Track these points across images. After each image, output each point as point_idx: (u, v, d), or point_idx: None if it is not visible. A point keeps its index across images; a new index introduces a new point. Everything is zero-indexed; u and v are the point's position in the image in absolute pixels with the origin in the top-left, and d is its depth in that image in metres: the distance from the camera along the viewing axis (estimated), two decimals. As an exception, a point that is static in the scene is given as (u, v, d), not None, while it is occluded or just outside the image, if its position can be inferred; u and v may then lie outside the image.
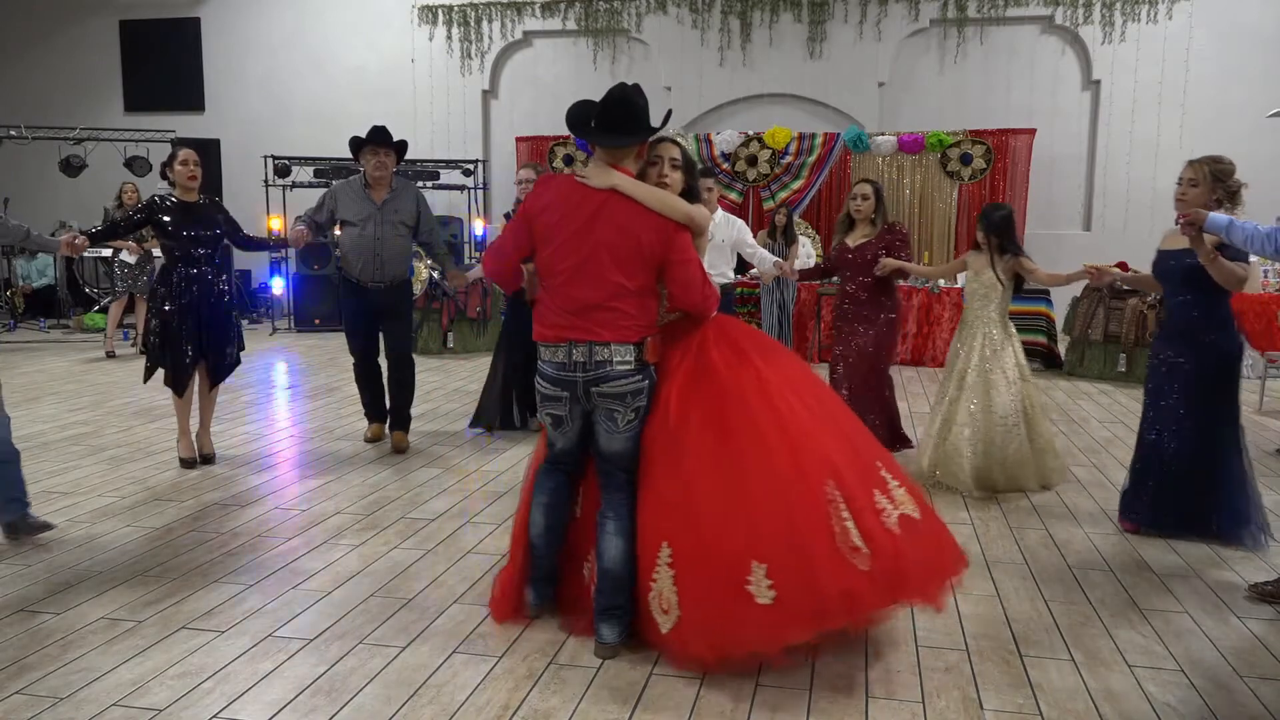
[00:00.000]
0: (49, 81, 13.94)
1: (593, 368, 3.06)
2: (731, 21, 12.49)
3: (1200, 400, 4.18)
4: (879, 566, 2.83)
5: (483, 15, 13.02)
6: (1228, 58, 11.44)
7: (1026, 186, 11.69)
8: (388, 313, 5.79)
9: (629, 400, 3.08)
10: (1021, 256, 5.05)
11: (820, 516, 2.86)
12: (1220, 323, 4.18)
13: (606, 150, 3.10)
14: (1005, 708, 2.82)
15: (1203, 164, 4.15)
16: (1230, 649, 3.22)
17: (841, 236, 5.68)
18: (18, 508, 4.15)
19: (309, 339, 11.04)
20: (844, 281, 5.68)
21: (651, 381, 3.14)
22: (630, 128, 3.07)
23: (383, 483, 5.15)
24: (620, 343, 3.05)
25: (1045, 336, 9.33)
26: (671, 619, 2.95)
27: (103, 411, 6.91)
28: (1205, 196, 4.11)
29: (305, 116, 13.23)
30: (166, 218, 5.16)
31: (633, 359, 3.07)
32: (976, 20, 12.06)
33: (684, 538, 2.95)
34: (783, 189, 11.89)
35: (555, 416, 3.20)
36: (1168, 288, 4.34)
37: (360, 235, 5.60)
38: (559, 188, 3.15)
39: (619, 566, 3.08)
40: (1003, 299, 5.07)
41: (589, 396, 3.11)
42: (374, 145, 5.55)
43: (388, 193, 5.66)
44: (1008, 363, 4.99)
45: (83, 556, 4.00)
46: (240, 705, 2.80)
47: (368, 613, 3.46)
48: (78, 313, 12.01)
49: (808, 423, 3.08)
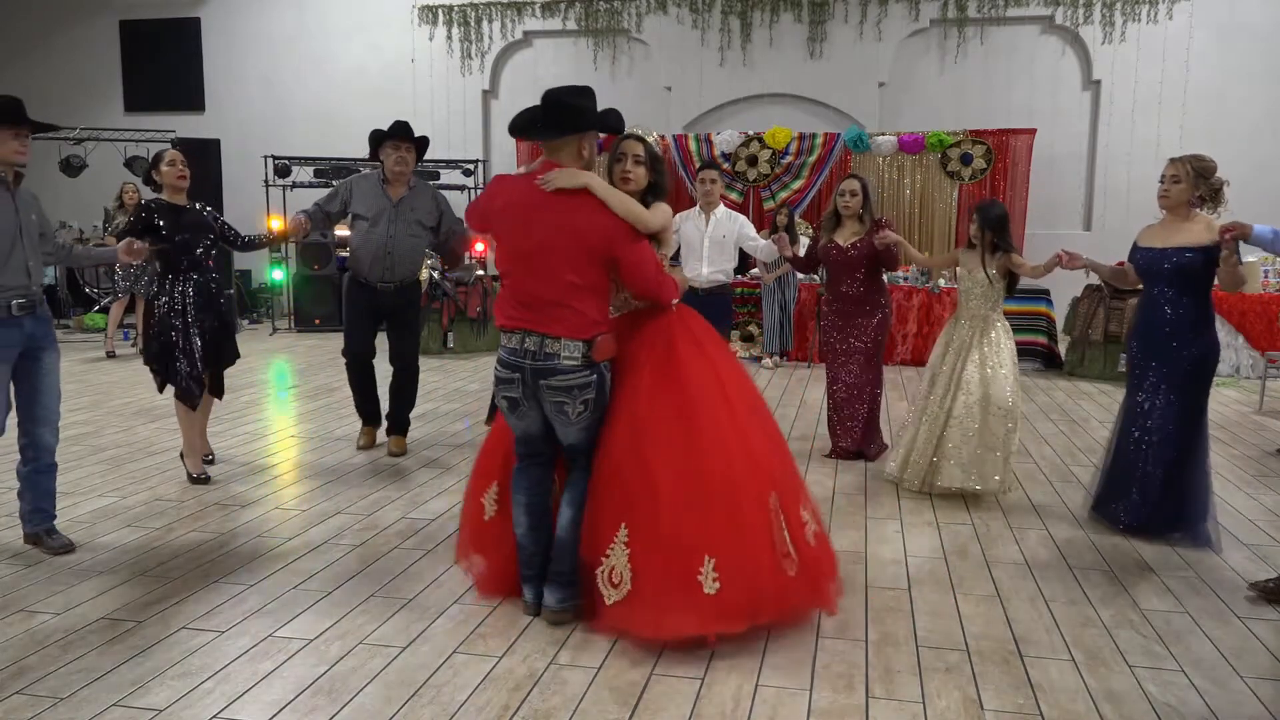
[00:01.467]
0: (49, 81, 13.94)
1: (542, 358, 3.16)
2: (732, 21, 12.49)
3: (1181, 396, 4.19)
4: (802, 573, 3.21)
5: (483, 15, 13.02)
6: (1228, 58, 11.45)
7: (1026, 186, 11.68)
8: (395, 318, 5.67)
9: (575, 394, 3.18)
10: (1011, 252, 5.03)
11: (764, 523, 3.15)
12: (1205, 320, 4.20)
13: (545, 147, 3.24)
14: (1005, 708, 2.82)
15: (1185, 162, 4.17)
16: (1230, 649, 3.22)
17: (829, 234, 5.63)
18: (43, 519, 4.08)
19: (309, 339, 11.04)
20: (835, 280, 5.65)
21: (601, 377, 3.23)
22: (558, 124, 3.16)
23: (383, 483, 5.15)
24: (571, 339, 3.15)
25: (1045, 336, 9.33)
26: (620, 593, 3.13)
27: (103, 411, 6.91)
28: (1188, 194, 4.15)
29: (305, 116, 13.24)
30: (161, 222, 4.90)
31: (580, 355, 3.16)
32: (977, 20, 12.06)
33: (644, 522, 3.13)
34: (783, 189, 11.90)
35: (510, 399, 3.28)
36: (1151, 283, 4.31)
37: (371, 231, 5.47)
38: (513, 187, 3.27)
39: (565, 533, 3.29)
40: (998, 296, 5.05)
41: (537, 388, 3.20)
42: (396, 140, 5.45)
43: (405, 190, 5.54)
44: (1005, 358, 4.97)
45: (83, 556, 4.00)
46: (240, 705, 2.80)
47: (368, 613, 3.46)
48: (78, 313, 12.01)
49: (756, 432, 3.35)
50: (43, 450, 4.05)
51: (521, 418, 3.31)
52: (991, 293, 5.01)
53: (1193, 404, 4.20)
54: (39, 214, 4.15)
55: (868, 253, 5.43)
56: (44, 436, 4.04)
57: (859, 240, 5.46)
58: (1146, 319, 4.32)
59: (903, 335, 9.48)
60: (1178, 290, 4.18)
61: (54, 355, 4.09)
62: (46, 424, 4.05)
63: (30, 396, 4.00)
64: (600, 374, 3.23)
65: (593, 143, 3.30)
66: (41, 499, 4.08)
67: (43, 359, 4.02)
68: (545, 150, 3.26)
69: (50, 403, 4.06)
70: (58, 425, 4.12)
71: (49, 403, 4.05)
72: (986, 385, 4.87)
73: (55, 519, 4.15)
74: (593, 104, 3.24)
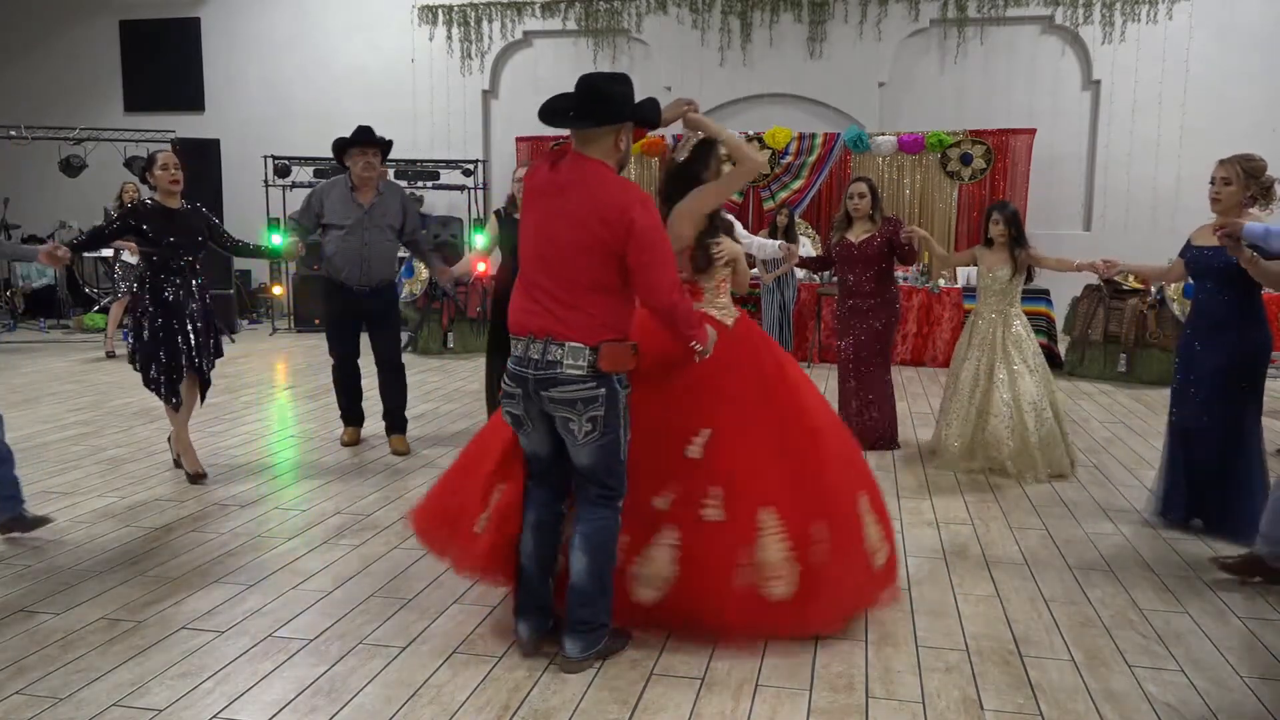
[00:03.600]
0: (49, 81, 13.93)
1: (544, 367, 2.87)
2: (732, 21, 12.48)
3: (1230, 393, 4.23)
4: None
5: (483, 15, 13.02)
6: (1228, 58, 11.43)
7: (1026, 186, 11.67)
8: (375, 319, 5.72)
9: (579, 408, 2.87)
10: (1030, 248, 5.35)
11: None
12: (1255, 317, 4.24)
13: (577, 138, 2.95)
14: (1005, 708, 2.82)
15: (1235, 163, 4.20)
16: (1230, 649, 3.22)
17: (841, 233, 5.78)
18: (12, 506, 4.11)
19: (309, 339, 11.03)
20: (847, 276, 5.80)
21: (612, 391, 2.91)
22: (594, 113, 2.88)
23: (383, 483, 5.15)
24: (576, 344, 2.85)
25: (1045, 336, 9.32)
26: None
27: (103, 411, 6.91)
28: (1240, 194, 4.16)
29: (305, 116, 13.22)
30: (147, 225, 4.87)
31: (585, 364, 2.85)
32: (977, 20, 12.05)
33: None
34: (783, 189, 11.89)
35: (514, 416, 3.01)
36: (1201, 282, 4.37)
37: (347, 239, 5.51)
38: (535, 173, 3.06)
39: (584, 582, 2.99)
40: (1016, 292, 5.37)
41: (540, 400, 2.92)
42: (361, 145, 5.45)
43: (375, 195, 5.56)
44: (1029, 351, 5.29)
45: (83, 556, 4.00)
46: (240, 705, 2.80)
47: (368, 613, 3.46)
48: (78, 313, 12.00)
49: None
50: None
51: (528, 436, 3.03)
52: (1010, 289, 5.30)
53: (1247, 398, 4.25)
54: None
55: (881, 248, 5.58)
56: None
57: (870, 237, 5.60)
58: (1198, 315, 4.38)
59: (903, 335, 9.46)
60: (1226, 288, 4.22)
61: None
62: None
63: None
64: (612, 388, 2.90)
65: (629, 136, 2.98)
66: (6, 487, 4.07)
67: None
68: (576, 141, 2.94)
69: None
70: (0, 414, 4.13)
71: None
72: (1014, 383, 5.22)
73: (24, 501, 4.15)
74: (631, 92, 2.93)
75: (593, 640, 3.03)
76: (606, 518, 3.01)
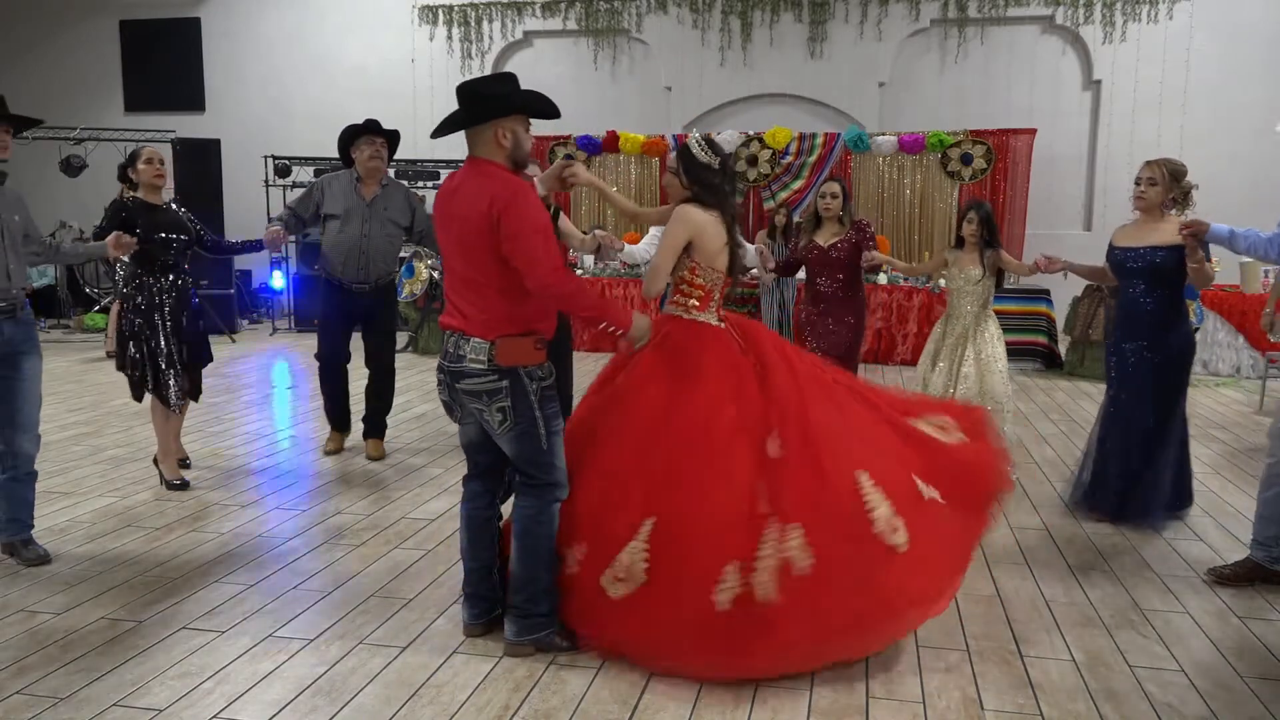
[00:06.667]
0: (49, 81, 13.93)
1: (455, 360, 3.03)
2: (732, 21, 12.48)
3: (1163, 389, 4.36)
4: None
5: (483, 15, 13.01)
6: (1228, 58, 11.43)
7: (1027, 186, 11.67)
8: (372, 321, 5.58)
9: (486, 400, 2.99)
10: (1000, 249, 5.36)
11: None
12: (1179, 315, 4.42)
13: (469, 141, 3.09)
14: (1005, 708, 2.82)
15: (1160, 164, 4.41)
16: (1230, 649, 3.22)
17: (810, 235, 5.71)
18: (18, 529, 3.95)
19: (309, 339, 10.99)
20: (814, 278, 5.69)
21: (517, 382, 2.98)
22: (469, 113, 3.03)
23: (382, 483, 5.15)
24: (477, 339, 2.97)
25: (1045, 336, 9.33)
26: None
27: (103, 411, 6.91)
28: (1163, 196, 4.38)
29: (305, 116, 13.22)
30: (134, 220, 4.75)
31: (485, 358, 2.96)
32: (977, 20, 12.05)
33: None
34: (783, 189, 11.88)
35: (445, 402, 3.20)
36: (1128, 282, 4.48)
37: (343, 231, 5.36)
38: (454, 174, 3.19)
39: (515, 567, 3.11)
40: (988, 292, 5.40)
41: (454, 391, 3.09)
42: (370, 135, 5.36)
43: (378, 188, 5.46)
44: (998, 353, 5.31)
45: (83, 556, 4.00)
46: (240, 705, 2.81)
47: (368, 613, 3.46)
48: (78, 313, 12.00)
49: None
50: (22, 459, 3.90)
51: (460, 426, 3.23)
52: (982, 290, 5.29)
53: (1170, 395, 4.38)
54: (23, 215, 4.00)
55: (848, 254, 5.50)
56: (24, 445, 3.89)
57: (839, 240, 5.52)
58: (1124, 314, 4.52)
59: (903, 335, 9.47)
60: (1151, 287, 4.37)
61: (35, 361, 3.94)
62: (26, 432, 3.90)
63: (10, 404, 3.84)
64: (517, 379, 2.98)
65: (515, 129, 3.03)
66: (18, 509, 3.94)
67: (23, 365, 3.87)
68: (468, 145, 3.08)
69: (31, 410, 3.91)
70: (38, 434, 3.98)
71: (29, 410, 3.90)
72: (982, 379, 5.19)
73: (32, 528, 4.01)
74: (509, 89, 3.06)
75: (529, 626, 3.11)
76: (533, 506, 3.08)
